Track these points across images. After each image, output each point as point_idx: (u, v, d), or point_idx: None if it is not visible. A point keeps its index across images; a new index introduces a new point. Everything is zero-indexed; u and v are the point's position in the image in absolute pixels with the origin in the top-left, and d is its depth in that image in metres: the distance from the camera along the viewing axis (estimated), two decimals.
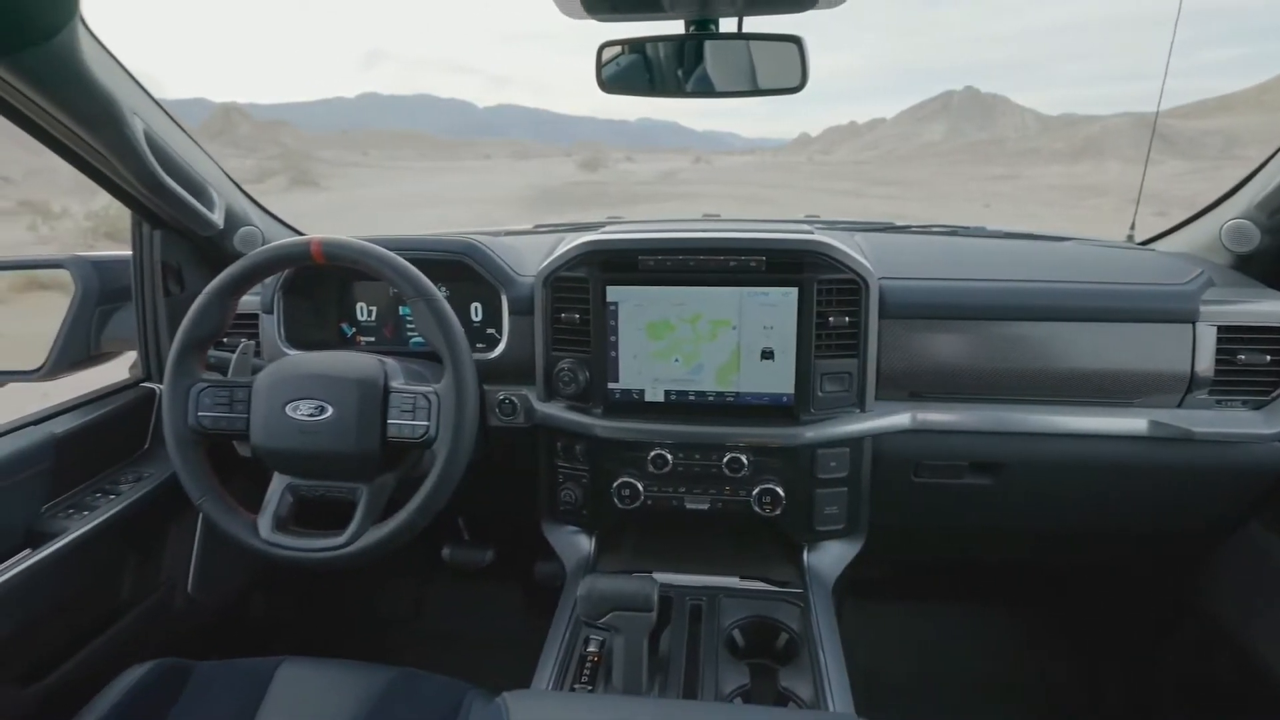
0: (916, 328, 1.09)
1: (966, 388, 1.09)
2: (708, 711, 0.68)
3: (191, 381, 0.99)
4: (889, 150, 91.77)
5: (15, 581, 0.92)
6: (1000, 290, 1.09)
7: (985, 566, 1.55)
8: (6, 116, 0.91)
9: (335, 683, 0.98)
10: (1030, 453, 1.09)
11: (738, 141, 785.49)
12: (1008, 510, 1.17)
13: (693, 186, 32.02)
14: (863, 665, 1.49)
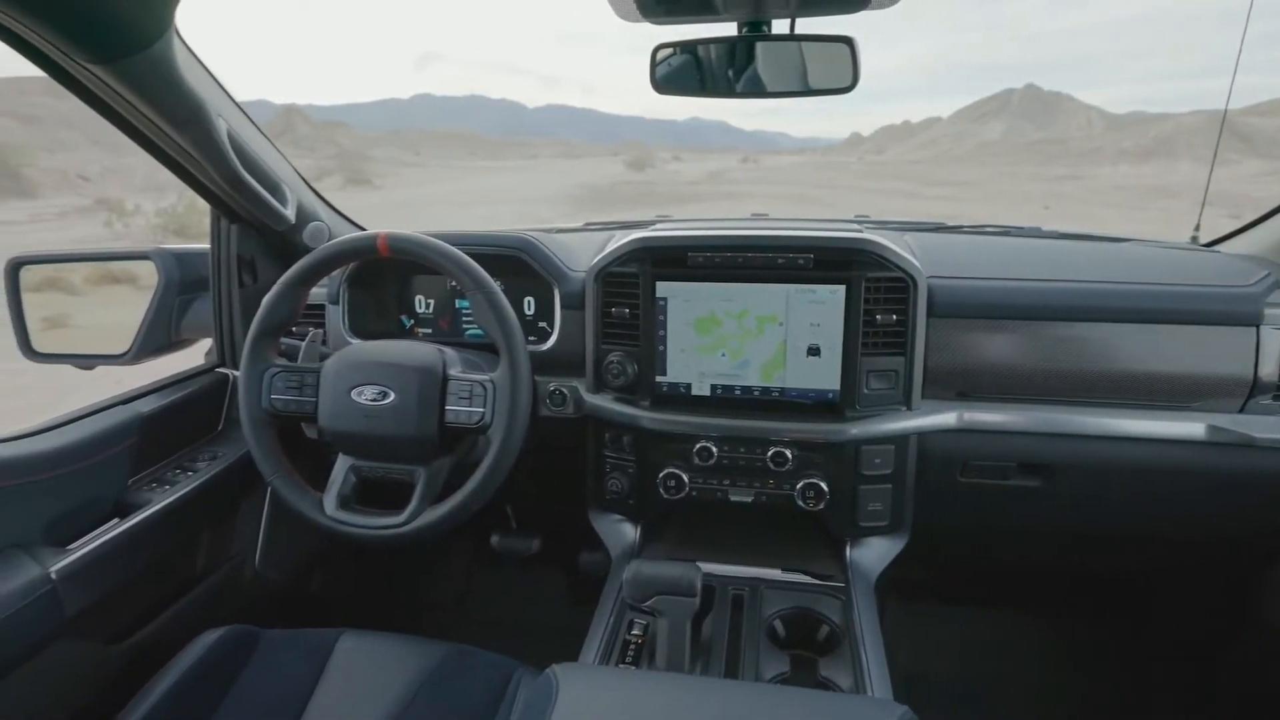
0: (966, 327, 1.08)
1: (1016, 388, 1.08)
2: (749, 691, 0.70)
3: (265, 366, 1.06)
4: (944, 150, 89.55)
5: (105, 548, 1.00)
6: (1053, 290, 1.08)
7: (1032, 571, 1.52)
8: (107, 118, 0.98)
9: (392, 655, 1.03)
10: (1081, 455, 1.08)
11: (787, 141, 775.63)
12: (1056, 513, 1.16)
13: (740, 186, 31.81)
14: (905, 666, 1.48)
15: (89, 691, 1.01)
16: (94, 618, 0.99)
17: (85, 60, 0.85)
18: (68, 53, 0.84)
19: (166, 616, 1.14)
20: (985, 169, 47.81)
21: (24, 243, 1.35)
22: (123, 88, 0.90)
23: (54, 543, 0.97)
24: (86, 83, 0.90)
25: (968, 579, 1.62)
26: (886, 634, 0.98)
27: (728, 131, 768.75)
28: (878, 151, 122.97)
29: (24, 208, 22.80)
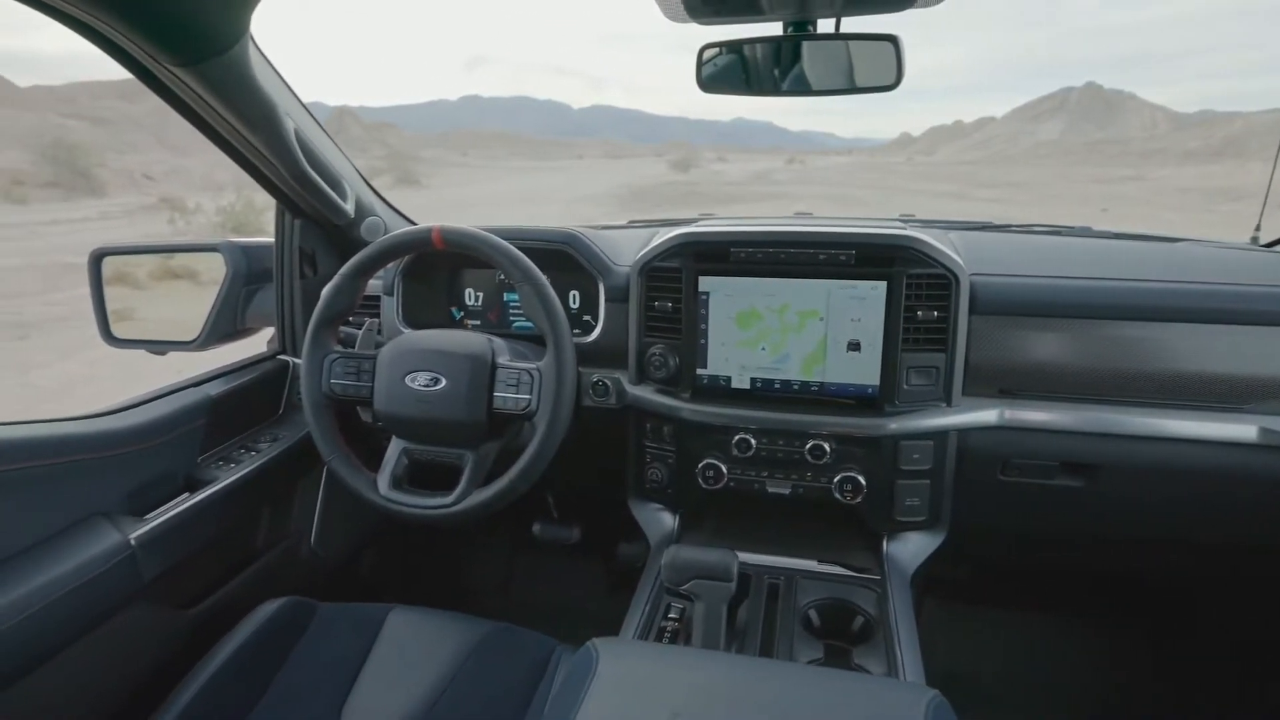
0: (1009, 325, 1.08)
1: (1060, 386, 1.08)
2: (783, 669, 0.72)
3: (325, 352, 1.12)
4: (997, 151, 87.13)
5: (177, 519, 1.07)
6: (1100, 289, 1.06)
7: (1074, 573, 1.50)
8: (187, 119, 1.05)
9: (439, 630, 1.08)
10: (1126, 455, 1.06)
11: (834, 141, 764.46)
12: (1099, 514, 1.14)
13: (785, 187, 31.53)
14: (942, 664, 1.48)
15: (161, 653, 1.08)
16: (167, 584, 1.06)
17: (170, 64, 0.91)
18: (155, 57, 0.90)
19: (231, 586, 1.21)
20: (1041, 170, 46.38)
21: (96, 239, 1.45)
22: (203, 89, 0.97)
23: (133, 512, 1.04)
24: (171, 85, 0.97)
25: (1008, 580, 1.60)
26: (923, 630, 0.99)
27: (773, 132, 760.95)
28: (928, 152, 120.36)
29: (94, 206, 23.96)
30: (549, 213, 17.88)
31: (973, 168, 50.17)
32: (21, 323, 7.42)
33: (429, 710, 0.96)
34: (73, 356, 6.11)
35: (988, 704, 1.46)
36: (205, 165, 35.24)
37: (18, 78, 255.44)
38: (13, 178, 27.46)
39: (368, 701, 0.98)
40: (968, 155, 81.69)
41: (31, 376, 5.71)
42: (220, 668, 0.97)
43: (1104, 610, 1.55)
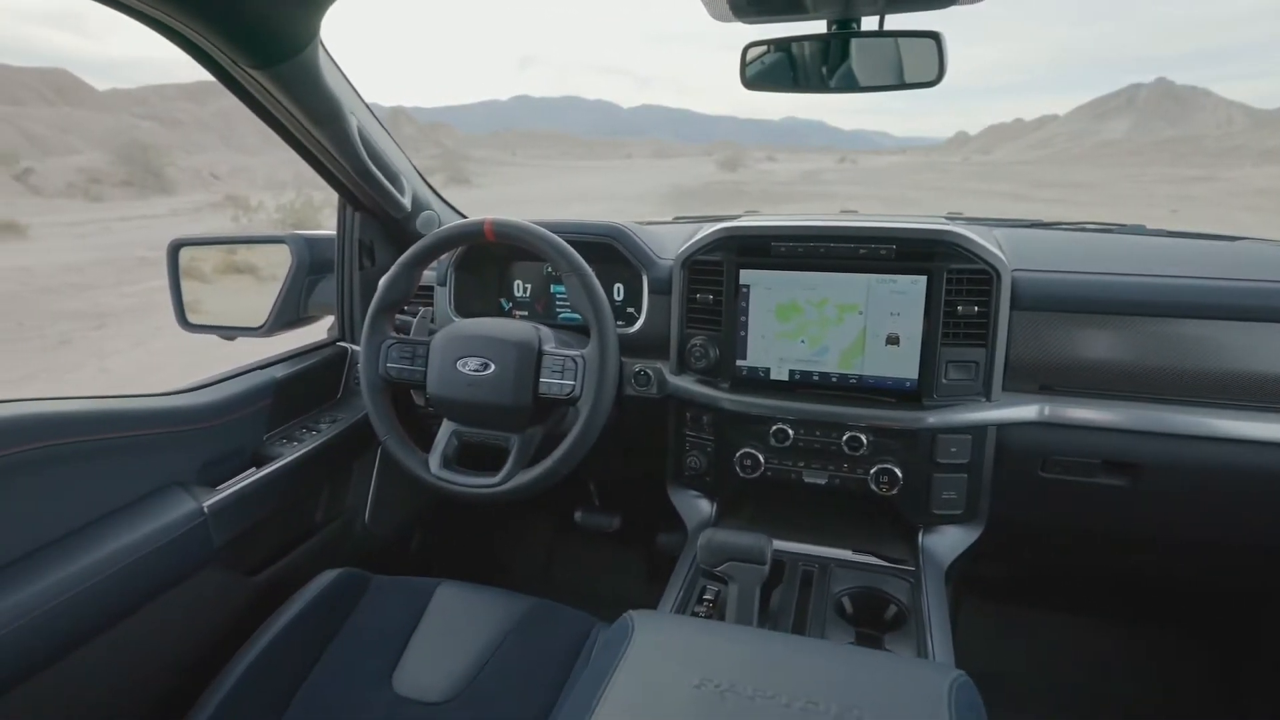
0: (1052, 320, 1.07)
1: (1103, 383, 1.07)
2: (812, 645, 0.74)
3: (383, 338, 1.18)
4: (1059, 150, 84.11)
5: (245, 491, 1.14)
6: (1148, 285, 1.05)
7: (1119, 577, 1.47)
8: (261, 118, 1.13)
9: (484, 604, 1.13)
10: (1173, 455, 1.05)
11: (887, 140, 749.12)
12: (1143, 515, 1.13)
13: (835, 187, 31.08)
14: (978, 664, 1.47)
15: (228, 616, 1.15)
16: (235, 551, 1.14)
17: (248, 66, 0.99)
18: (235, 60, 0.98)
19: (292, 556, 1.29)
20: (1105, 170, 44.61)
21: (166, 235, 1.55)
22: (276, 90, 1.04)
23: (206, 483, 1.12)
24: (248, 86, 1.04)
25: (1050, 581, 1.58)
26: (960, 628, 0.99)
27: (825, 131, 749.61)
28: (985, 151, 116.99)
29: (165, 203, 25.14)
30: (596, 211, 18.08)
31: (1032, 167, 48.56)
32: (99, 312, 7.86)
33: (473, 679, 1.01)
34: (144, 345, 6.45)
35: (1022, 705, 1.44)
36: (268, 165, 36.61)
37: (96, 81, 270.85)
38: (92, 176, 29.02)
39: (416, 668, 1.04)
40: (1027, 155, 79.06)
41: (107, 362, 6.05)
42: (281, 631, 1.04)
43: (1151, 617, 1.52)
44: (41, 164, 30.72)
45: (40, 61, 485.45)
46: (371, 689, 1.00)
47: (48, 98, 61.75)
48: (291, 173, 28.59)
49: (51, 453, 0.90)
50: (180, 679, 1.05)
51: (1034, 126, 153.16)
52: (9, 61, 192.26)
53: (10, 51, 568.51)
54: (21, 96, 59.50)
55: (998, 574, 1.55)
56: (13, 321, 7.56)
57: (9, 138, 37.94)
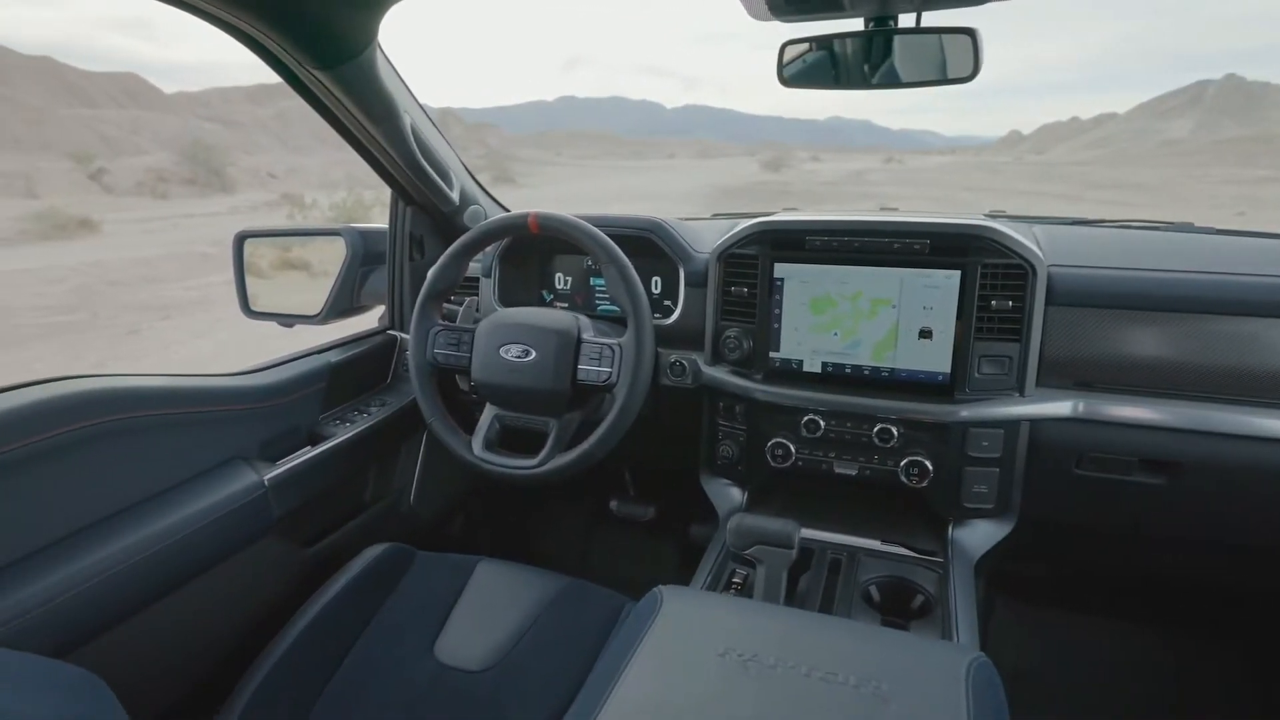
0: (1089, 316, 1.07)
1: (1141, 381, 1.06)
2: (835, 622, 0.76)
3: (431, 325, 1.24)
4: (1118, 149, 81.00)
5: (302, 467, 1.22)
6: (1187, 281, 1.04)
7: (1158, 580, 1.44)
8: (321, 115, 1.20)
9: (522, 582, 1.18)
10: (1213, 454, 1.04)
11: (936, 140, 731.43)
12: (1182, 516, 1.11)
13: (880, 187, 30.55)
14: (1010, 664, 1.46)
15: (284, 584, 1.23)
16: (292, 523, 1.21)
17: (311, 67, 1.05)
18: (300, 61, 1.04)
19: (343, 531, 1.36)
20: (1167, 170, 42.81)
21: (227, 231, 1.63)
22: (337, 89, 1.11)
23: (266, 459, 1.19)
24: (311, 86, 1.11)
25: (1084, 582, 1.56)
26: (992, 628, 1.00)
27: (872, 130, 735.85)
28: (1038, 151, 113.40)
29: (225, 201, 26.14)
30: (638, 210, 18.15)
31: (1088, 168, 46.89)
32: (164, 305, 8.25)
33: (510, 650, 1.06)
34: (206, 336, 6.76)
35: (1054, 705, 1.43)
36: (321, 164, 37.73)
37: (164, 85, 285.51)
38: (159, 175, 30.35)
39: (456, 640, 1.09)
40: (1083, 155, 76.36)
41: (171, 352, 6.36)
42: (332, 600, 1.10)
43: (1186, 619, 1.48)
44: (113, 164, 32.26)
45: (113, 66, 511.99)
46: (415, 656, 1.06)
47: (119, 101, 64.79)
48: (343, 172, 29.37)
49: (131, 423, 0.97)
50: (239, 640, 1.13)
51: (1091, 125, 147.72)
52: (85, 66, 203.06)
53: (86, 57, 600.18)
54: (96, 99, 62.56)
55: (1031, 573, 1.54)
56: (88, 312, 8.00)
57: (85, 139, 39.95)
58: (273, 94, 64.64)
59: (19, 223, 15.58)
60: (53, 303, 8.47)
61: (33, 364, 6.14)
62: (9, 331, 7.19)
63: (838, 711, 0.60)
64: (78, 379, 0.95)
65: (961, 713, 0.60)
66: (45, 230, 15.25)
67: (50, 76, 64.26)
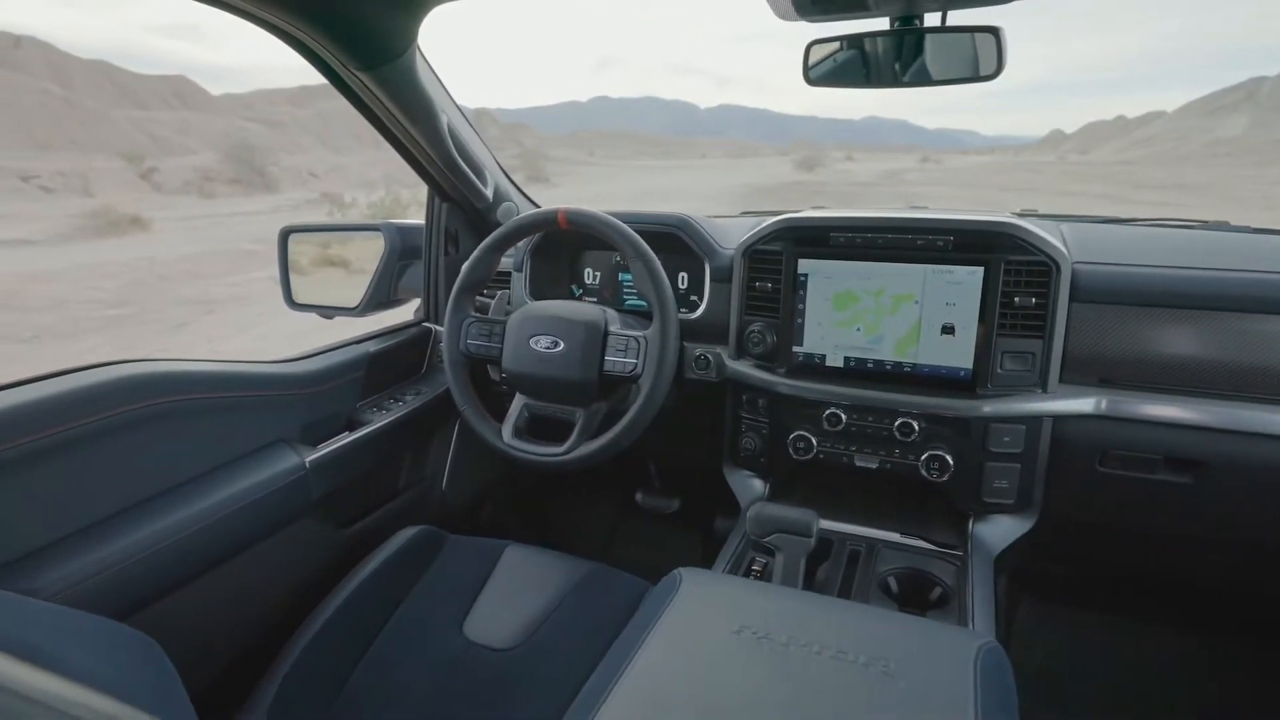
0: (1114, 313, 1.07)
1: (1166, 379, 1.06)
2: (850, 606, 0.78)
3: (464, 316, 1.29)
4: (1166, 149, 78.48)
5: (340, 452, 1.27)
6: (1214, 279, 1.04)
7: (1178, 580, 1.43)
8: (363, 114, 1.25)
9: (548, 565, 1.22)
10: (1239, 453, 1.03)
11: (975, 139, 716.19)
12: (1208, 515, 1.10)
13: (916, 188, 30.08)
14: (1035, 665, 1.46)
15: (321, 562, 1.29)
16: (330, 504, 1.27)
17: (355, 68, 1.11)
18: (344, 63, 1.10)
19: (377, 514, 1.42)
20: (1218, 171, 41.38)
21: (269, 229, 1.69)
22: (379, 90, 1.16)
23: (307, 442, 1.25)
24: (354, 87, 1.16)
25: (1109, 583, 1.54)
26: (1018, 627, 1.00)
27: (908, 130, 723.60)
28: (1082, 151, 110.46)
29: (267, 200, 26.84)
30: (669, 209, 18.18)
31: (1134, 168, 45.54)
32: (208, 300, 8.52)
33: (535, 630, 1.10)
34: (247, 331, 6.96)
35: (1078, 706, 1.42)
36: (360, 164, 38.49)
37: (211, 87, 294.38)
38: (205, 175, 31.28)
39: (484, 618, 1.13)
40: (1129, 154, 74.13)
41: (215, 345, 6.57)
42: (367, 578, 1.15)
43: (1212, 622, 1.46)
44: (163, 163, 33.36)
45: (163, 69, 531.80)
46: (445, 633, 1.10)
47: (169, 103, 66.91)
48: (381, 172, 29.89)
49: (183, 405, 1.04)
50: (280, 613, 1.19)
51: (1138, 124, 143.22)
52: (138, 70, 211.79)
53: (139, 60, 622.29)
54: (148, 101, 64.71)
55: (1057, 573, 1.53)
56: (138, 306, 8.31)
57: (137, 140, 41.37)
58: (314, 95, 66.15)
59: (76, 220, 16.24)
60: (106, 297, 8.82)
61: (86, 355, 6.40)
62: (68, 323, 7.52)
63: (845, 687, 0.62)
64: (135, 362, 1.02)
65: (968, 694, 0.62)
66: (100, 227, 15.85)
67: (105, 80, 66.63)
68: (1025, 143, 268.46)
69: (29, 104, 39.30)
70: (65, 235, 14.95)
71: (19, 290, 9.04)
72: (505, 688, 1.02)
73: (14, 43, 58.91)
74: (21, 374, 0.92)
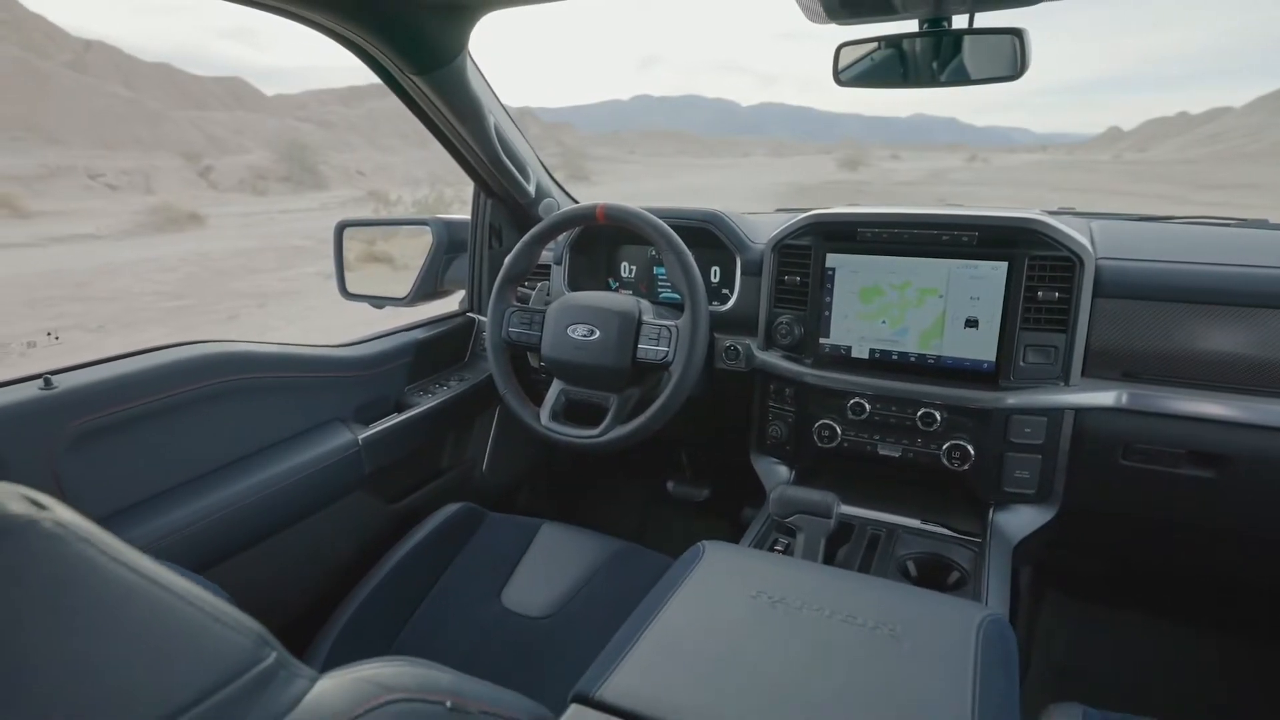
0: (1138, 308, 1.09)
1: (1189, 373, 1.07)
2: (863, 577, 0.83)
3: (506, 306, 1.36)
4: (1231, 147, 75.04)
5: (389, 431, 1.36)
6: (1238, 275, 1.05)
7: (1203, 576, 1.42)
8: (415, 115, 1.34)
9: (579, 543, 1.29)
10: (1263, 448, 1.04)
11: (1026, 137, 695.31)
12: (1233, 510, 1.11)
13: (961, 187, 29.40)
14: (1060, 659, 1.47)
15: (371, 534, 1.38)
16: (379, 480, 1.36)
17: (410, 72, 1.19)
18: (400, 67, 1.18)
19: (422, 491, 1.50)
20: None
21: (319, 225, 1.78)
22: (431, 92, 1.24)
23: (360, 421, 1.34)
24: (409, 90, 1.25)
25: (1136, 580, 1.54)
26: (1043, 621, 1.01)
27: (956, 128, 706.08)
28: (1140, 149, 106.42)
29: (316, 198, 27.61)
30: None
31: (1196, 167, 43.69)
32: (261, 293, 8.85)
33: (567, 600, 1.17)
34: (296, 323, 7.23)
35: (1102, 702, 1.43)
36: (406, 163, 39.31)
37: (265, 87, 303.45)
38: (258, 173, 32.34)
39: (521, 589, 1.21)
40: (1191, 152, 71.11)
41: (265, 337, 6.85)
42: (412, 549, 1.24)
43: (1239, 619, 1.45)
44: (219, 162, 34.59)
45: (221, 71, 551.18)
46: (484, 602, 1.18)
47: (226, 103, 69.29)
48: (426, 170, 30.45)
49: (251, 383, 1.13)
50: (333, 578, 1.28)
51: (1202, 120, 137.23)
52: (197, 71, 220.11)
53: (198, 63, 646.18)
54: (206, 102, 67.15)
55: (1083, 569, 1.54)
56: (195, 298, 8.68)
57: (194, 139, 42.97)
58: (363, 95, 67.75)
59: (138, 216, 16.99)
60: (166, 289, 9.24)
61: (150, 344, 6.73)
62: (132, 314, 7.91)
63: (851, 646, 0.67)
64: (211, 343, 1.11)
65: (968, 657, 0.66)
66: (159, 223, 16.57)
67: (167, 81, 69.31)
68: (1079, 140, 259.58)
69: (97, 105, 41.16)
70: (128, 230, 15.66)
71: (88, 282, 9.53)
72: (539, 651, 1.09)
73: (84, 47, 61.70)
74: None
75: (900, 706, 0.59)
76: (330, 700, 0.47)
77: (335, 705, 0.47)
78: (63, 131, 37.29)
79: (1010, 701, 0.65)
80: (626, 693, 0.62)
